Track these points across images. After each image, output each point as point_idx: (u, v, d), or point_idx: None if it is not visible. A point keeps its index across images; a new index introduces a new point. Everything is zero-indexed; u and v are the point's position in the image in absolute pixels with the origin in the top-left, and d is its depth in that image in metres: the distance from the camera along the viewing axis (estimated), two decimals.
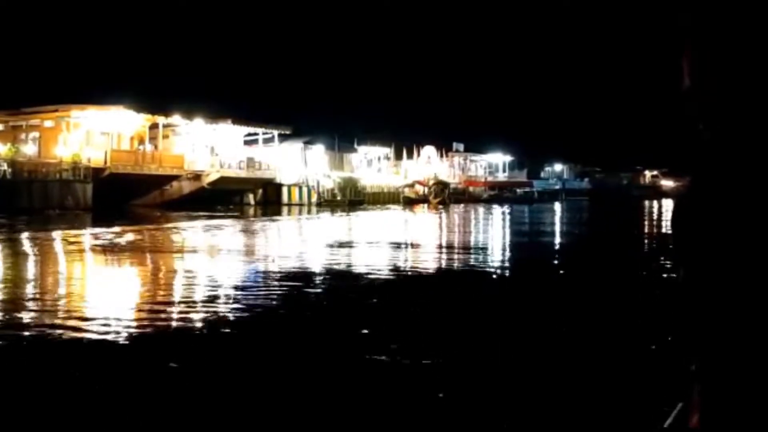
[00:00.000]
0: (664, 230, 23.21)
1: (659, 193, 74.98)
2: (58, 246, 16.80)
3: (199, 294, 9.09)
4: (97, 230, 21.88)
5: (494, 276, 11.36)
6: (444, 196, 53.22)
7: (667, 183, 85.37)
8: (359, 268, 12.18)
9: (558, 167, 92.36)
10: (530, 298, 8.89)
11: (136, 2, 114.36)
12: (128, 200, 40.16)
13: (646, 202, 54.05)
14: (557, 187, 77.87)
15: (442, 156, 67.62)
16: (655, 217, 34.28)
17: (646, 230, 25.66)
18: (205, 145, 46.95)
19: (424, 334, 6.50)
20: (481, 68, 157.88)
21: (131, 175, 40.12)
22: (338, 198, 50.47)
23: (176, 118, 44.02)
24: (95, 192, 36.96)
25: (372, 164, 60.52)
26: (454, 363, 5.49)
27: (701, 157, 0.84)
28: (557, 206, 49.79)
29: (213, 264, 13.32)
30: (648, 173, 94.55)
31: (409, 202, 52.07)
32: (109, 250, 15.66)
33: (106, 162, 39.09)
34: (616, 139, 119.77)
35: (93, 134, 41.27)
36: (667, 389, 3.97)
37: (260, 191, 48.99)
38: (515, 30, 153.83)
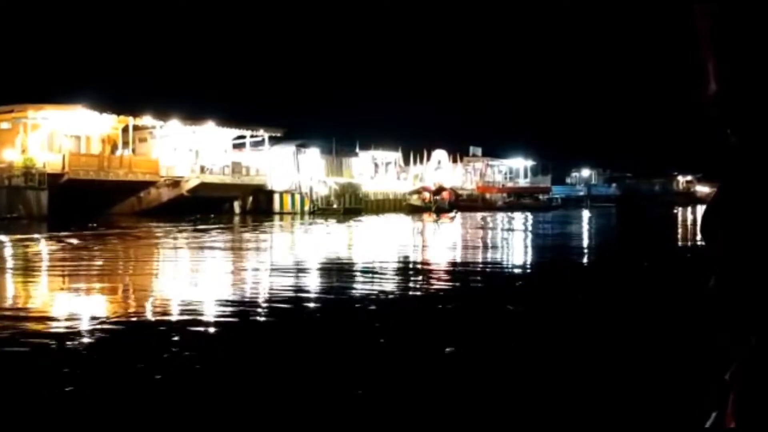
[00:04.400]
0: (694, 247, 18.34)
1: (693, 200, 69.77)
2: None
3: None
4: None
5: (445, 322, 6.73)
6: (440, 203, 48.43)
7: (702, 189, 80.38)
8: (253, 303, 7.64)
9: (585, 172, 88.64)
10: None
11: None
12: (100, 208, 35.90)
13: (678, 210, 48.80)
14: (582, 193, 73.01)
15: (456, 160, 63.06)
16: (687, 228, 29.25)
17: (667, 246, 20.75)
18: (189, 149, 42.97)
19: None
20: (507, 69, 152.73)
21: (95, 181, 36.00)
22: (334, 206, 46.07)
23: (148, 119, 39.84)
24: (56, 200, 33.06)
25: (379, 169, 56.20)
26: None
27: (729, 162, 0.81)
28: (578, 214, 44.89)
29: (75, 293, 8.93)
30: (681, 179, 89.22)
31: (415, 210, 47.51)
32: None
33: (64, 167, 35.06)
34: (647, 144, 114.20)
35: (56, 137, 37.35)
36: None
37: (250, 198, 44.86)
38: (542, 28, 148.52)
